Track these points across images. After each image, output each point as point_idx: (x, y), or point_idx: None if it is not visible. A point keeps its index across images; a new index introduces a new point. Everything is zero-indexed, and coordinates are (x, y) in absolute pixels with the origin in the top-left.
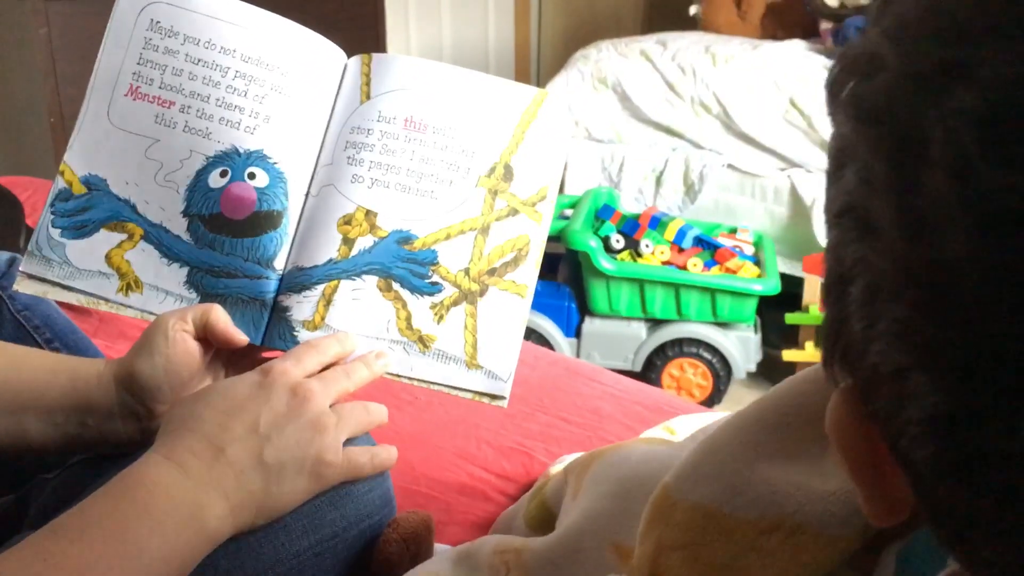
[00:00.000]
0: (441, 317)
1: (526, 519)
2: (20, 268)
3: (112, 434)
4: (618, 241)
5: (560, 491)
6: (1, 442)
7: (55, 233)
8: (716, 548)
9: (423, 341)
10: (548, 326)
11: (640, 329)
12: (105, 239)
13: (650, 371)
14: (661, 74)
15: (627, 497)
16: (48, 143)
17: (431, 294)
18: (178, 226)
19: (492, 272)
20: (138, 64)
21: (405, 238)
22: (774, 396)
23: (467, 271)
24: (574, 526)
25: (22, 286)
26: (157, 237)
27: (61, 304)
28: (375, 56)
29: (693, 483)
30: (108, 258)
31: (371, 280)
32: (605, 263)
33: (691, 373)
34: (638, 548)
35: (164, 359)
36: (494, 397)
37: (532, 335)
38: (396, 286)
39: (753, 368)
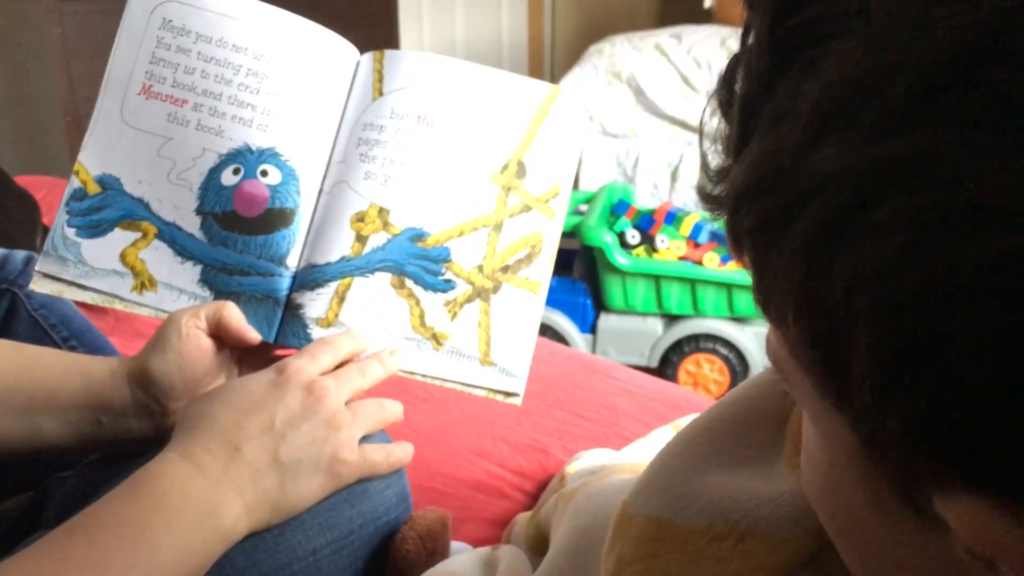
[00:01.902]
0: (455, 314)
1: (525, 540)
2: (36, 267)
3: (127, 432)
4: (633, 236)
5: (551, 516)
6: (17, 442)
7: (70, 233)
8: (669, 559)
9: (437, 338)
10: (563, 322)
11: (656, 325)
12: (120, 238)
13: (667, 367)
14: (676, 68)
15: (595, 532)
16: (63, 142)
17: (444, 291)
18: (191, 224)
19: (505, 269)
20: (150, 63)
21: (418, 235)
22: (724, 403)
23: (480, 268)
24: (550, 562)
25: (38, 285)
26: (171, 235)
27: (77, 303)
28: (387, 53)
29: (647, 497)
30: (123, 257)
31: (384, 277)
32: (620, 259)
33: (708, 369)
34: (602, 567)
35: (177, 356)
36: (508, 394)
37: (547, 331)
38: (409, 283)
39: (770, 363)
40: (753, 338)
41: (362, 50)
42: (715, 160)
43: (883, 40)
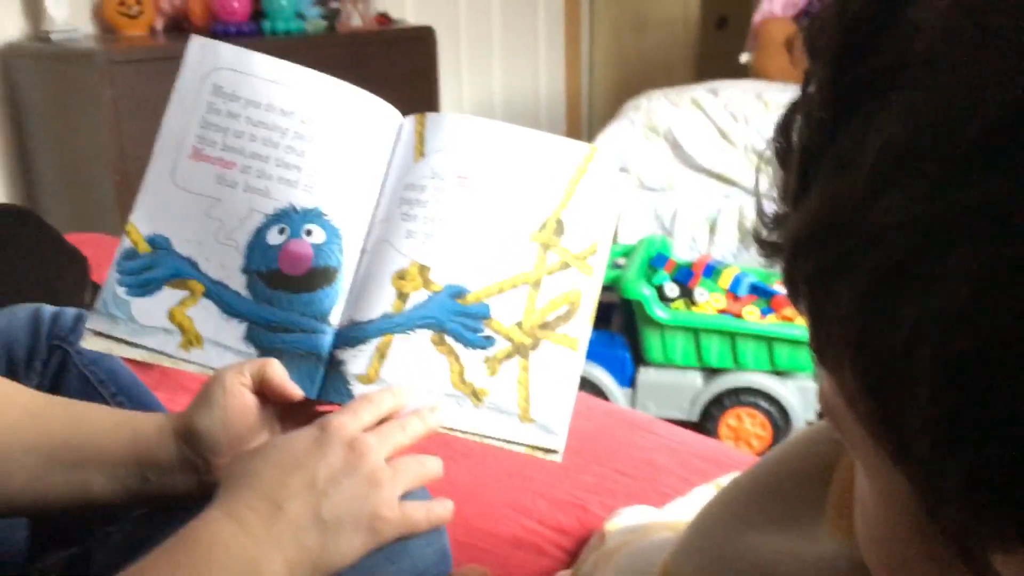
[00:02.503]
0: (494, 371)
1: None
2: (87, 325)
3: (172, 488)
4: (672, 290)
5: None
6: (65, 496)
7: (121, 291)
8: None
9: (476, 395)
10: (602, 376)
11: (696, 378)
12: (168, 296)
13: (707, 421)
14: (713, 122)
15: None
16: (113, 200)
17: (484, 348)
18: (237, 283)
19: (545, 326)
20: (201, 127)
21: (458, 292)
22: (765, 463)
23: (520, 325)
24: None
25: (89, 343)
26: (217, 294)
27: (124, 359)
28: (429, 116)
29: (687, 556)
30: (171, 315)
31: (424, 334)
32: (659, 312)
33: (749, 423)
34: None
35: (222, 413)
36: (548, 451)
37: (586, 385)
38: (449, 340)
39: (813, 418)
40: (795, 392)
41: (403, 108)
42: (770, 206)
43: (949, 91)
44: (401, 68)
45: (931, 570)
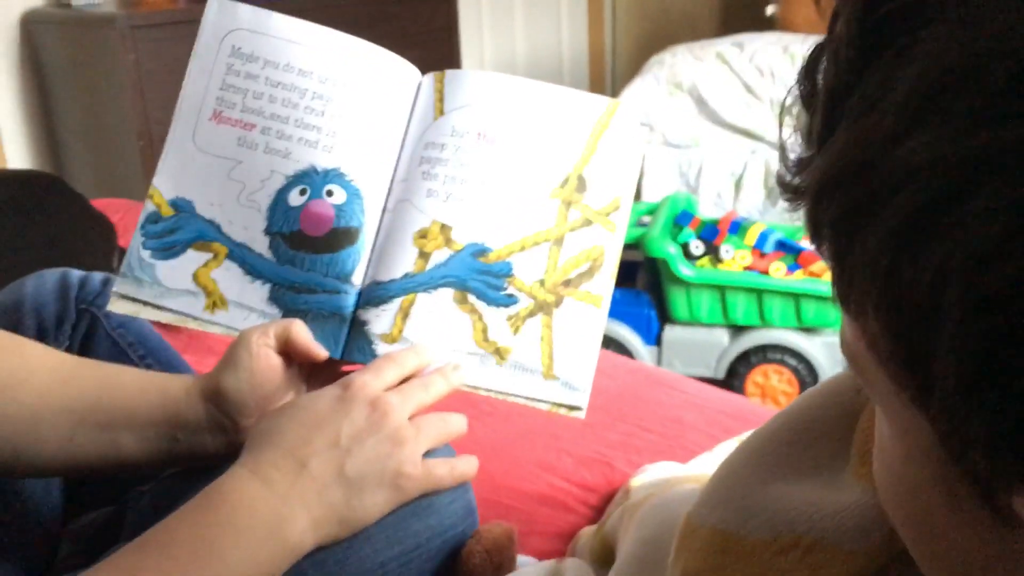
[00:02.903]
0: (517, 328)
1: (591, 553)
2: (113, 289)
3: (201, 448)
4: (697, 247)
5: (617, 528)
6: (97, 457)
7: (145, 255)
8: (735, 571)
9: (499, 353)
10: (628, 334)
11: (722, 336)
12: (193, 259)
13: (733, 378)
14: (739, 76)
15: (662, 543)
16: (138, 166)
17: (507, 306)
18: (260, 244)
19: (567, 283)
20: (221, 89)
21: (480, 251)
22: (788, 413)
23: (542, 282)
24: (617, 573)
25: (116, 306)
26: (241, 256)
27: (152, 322)
28: (448, 72)
29: (710, 508)
30: (195, 277)
31: (447, 293)
32: (685, 270)
33: (776, 380)
34: None
35: (248, 374)
36: (571, 408)
37: (612, 344)
38: (472, 298)
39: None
40: (822, 348)
41: (424, 67)
42: (794, 151)
43: (982, 26)
44: (422, 27)
45: (951, 515)
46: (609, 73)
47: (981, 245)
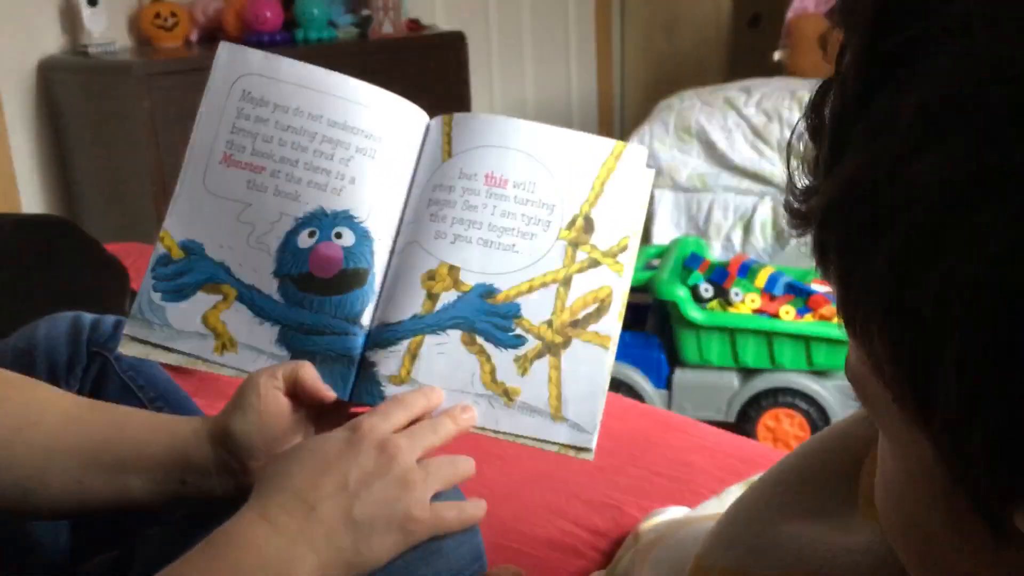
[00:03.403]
0: (525, 370)
1: None
2: (124, 331)
3: (209, 490)
4: (707, 290)
5: (630, 572)
6: (105, 499)
7: (156, 297)
8: None
9: (508, 394)
10: (638, 377)
11: (732, 379)
12: (202, 301)
13: (745, 422)
14: (746, 120)
15: None
16: (151, 210)
17: (515, 347)
18: (269, 286)
19: (575, 324)
20: (231, 133)
21: (488, 292)
22: (797, 455)
23: (550, 323)
24: None
25: (126, 348)
26: (250, 298)
27: (163, 364)
28: (455, 116)
29: (722, 549)
30: (205, 319)
31: (455, 334)
32: (694, 313)
33: (787, 424)
34: None
35: (257, 416)
36: (580, 449)
37: (622, 387)
38: (480, 339)
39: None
40: (834, 391)
41: (435, 112)
42: (801, 181)
43: (983, 54)
44: (433, 74)
45: (951, 534)
46: (618, 118)
47: (984, 263)
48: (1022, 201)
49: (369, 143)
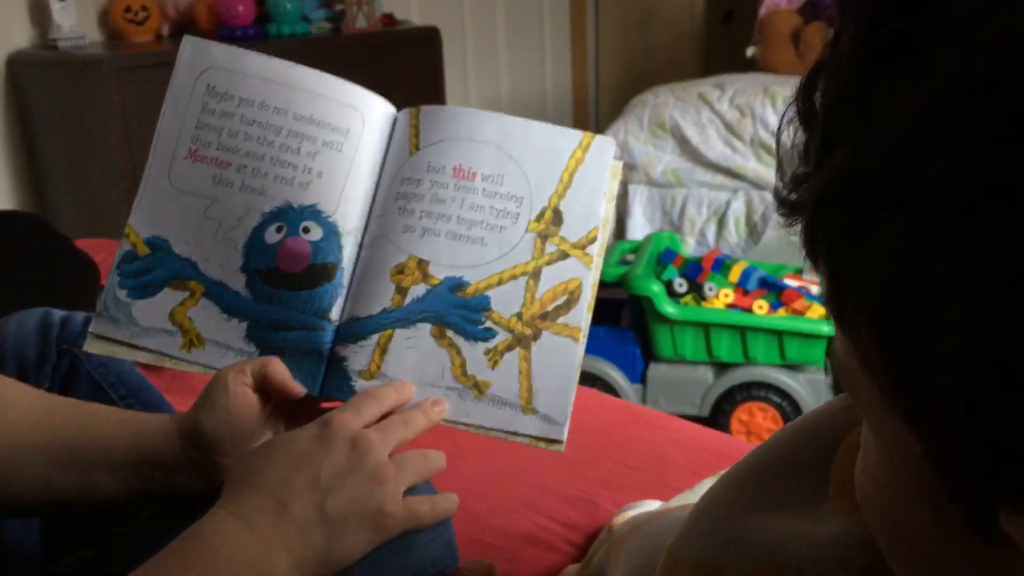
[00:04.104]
0: (495, 362)
1: None
2: (90, 329)
3: (179, 487)
4: (681, 285)
5: (605, 564)
6: (73, 496)
7: (121, 294)
8: None
9: (478, 387)
10: (613, 372)
11: (707, 373)
12: (168, 298)
13: (719, 416)
14: (720, 116)
15: (650, 574)
16: (122, 206)
17: (485, 340)
18: (237, 282)
19: (545, 316)
20: (196, 128)
21: (457, 285)
22: (767, 446)
23: (520, 316)
24: None
25: (92, 347)
26: (217, 293)
27: (134, 362)
28: (423, 108)
29: (692, 540)
30: (171, 316)
31: (425, 328)
32: (668, 307)
33: (761, 417)
34: None
35: (225, 412)
36: (551, 441)
37: (597, 382)
38: (450, 333)
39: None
40: (807, 385)
41: (409, 107)
42: (790, 168)
43: (995, 50)
44: (407, 69)
45: (934, 530)
46: (593, 113)
47: (985, 267)
48: None
49: (336, 136)
